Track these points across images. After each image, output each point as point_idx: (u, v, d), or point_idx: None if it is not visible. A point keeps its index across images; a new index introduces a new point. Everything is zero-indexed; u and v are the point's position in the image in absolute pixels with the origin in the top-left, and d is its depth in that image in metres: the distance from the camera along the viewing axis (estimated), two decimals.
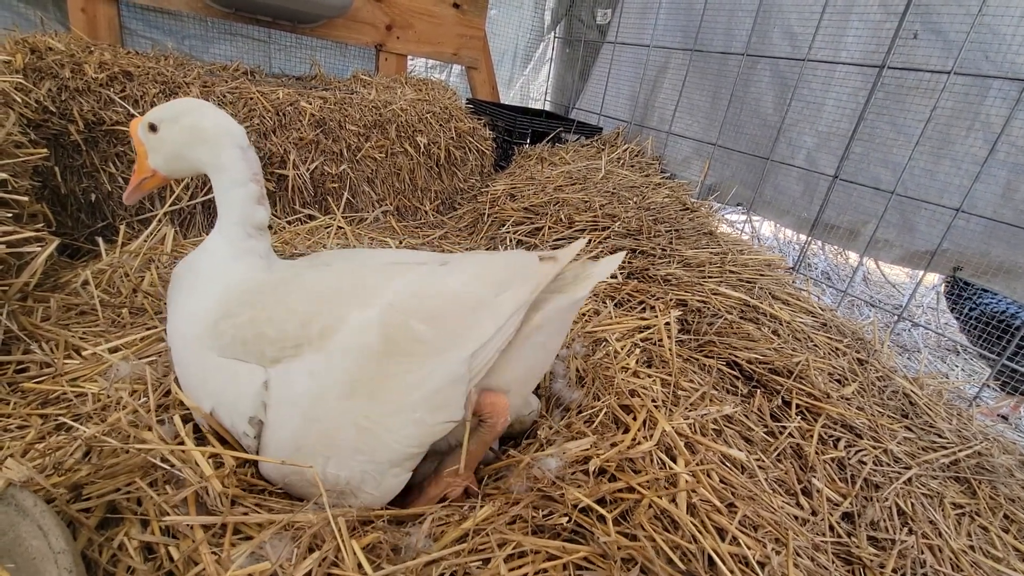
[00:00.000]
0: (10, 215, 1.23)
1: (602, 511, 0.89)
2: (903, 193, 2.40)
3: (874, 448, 1.40)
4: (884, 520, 1.23)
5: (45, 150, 1.50)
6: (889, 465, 1.37)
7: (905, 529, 1.23)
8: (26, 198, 1.35)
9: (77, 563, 0.63)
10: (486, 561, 0.83)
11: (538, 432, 1.14)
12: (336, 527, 0.81)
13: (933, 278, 3.17)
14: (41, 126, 1.71)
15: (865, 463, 1.35)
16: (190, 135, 1.08)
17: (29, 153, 1.42)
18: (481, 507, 0.92)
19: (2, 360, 1.10)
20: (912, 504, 1.28)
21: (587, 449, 1.01)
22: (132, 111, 1.86)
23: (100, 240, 1.69)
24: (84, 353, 1.19)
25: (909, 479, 1.34)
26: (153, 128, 1.09)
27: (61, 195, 1.84)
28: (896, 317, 2.59)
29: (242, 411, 0.92)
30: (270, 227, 1.77)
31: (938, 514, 1.28)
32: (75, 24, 2.41)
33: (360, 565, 0.78)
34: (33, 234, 1.23)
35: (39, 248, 1.30)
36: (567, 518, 0.89)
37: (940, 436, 1.54)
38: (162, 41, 2.75)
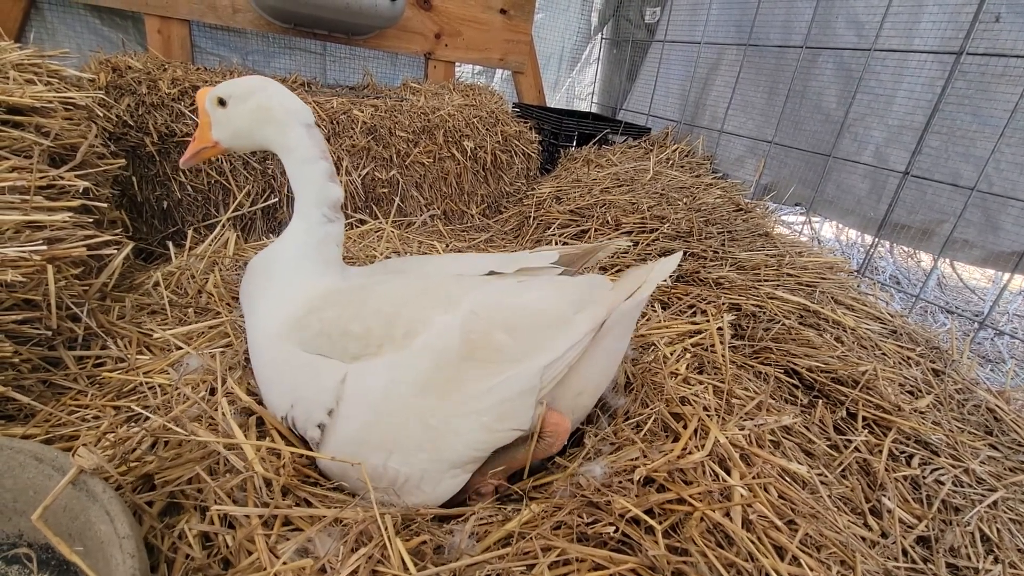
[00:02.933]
0: (92, 220, 1.33)
1: (651, 522, 0.86)
2: (987, 189, 2.20)
3: (953, 467, 1.28)
4: (966, 546, 1.12)
5: (124, 160, 1.62)
6: (971, 486, 1.26)
7: (990, 557, 1.12)
8: (106, 205, 1.46)
9: (140, 548, 0.67)
10: (530, 567, 0.82)
11: (584, 440, 1.12)
12: (382, 525, 0.82)
13: (1020, 282, 2.89)
14: (120, 139, 1.85)
15: (943, 483, 1.24)
16: (258, 115, 1.12)
17: (109, 164, 1.53)
18: (525, 508, 0.91)
19: (82, 355, 1.19)
20: (998, 530, 1.16)
21: (635, 459, 0.97)
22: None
23: (170, 244, 1.80)
24: (155, 337, 1.27)
25: (994, 502, 1.22)
26: (222, 103, 1.14)
27: (137, 203, 1.98)
28: (977, 324, 2.37)
29: (322, 403, 0.95)
30: None
31: None
32: (152, 44, 2.59)
33: (405, 565, 0.78)
34: (112, 238, 1.33)
35: (116, 251, 1.39)
36: (613, 527, 0.86)
37: None
38: (228, 57, 2.92)
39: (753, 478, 0.99)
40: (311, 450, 0.97)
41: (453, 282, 1.06)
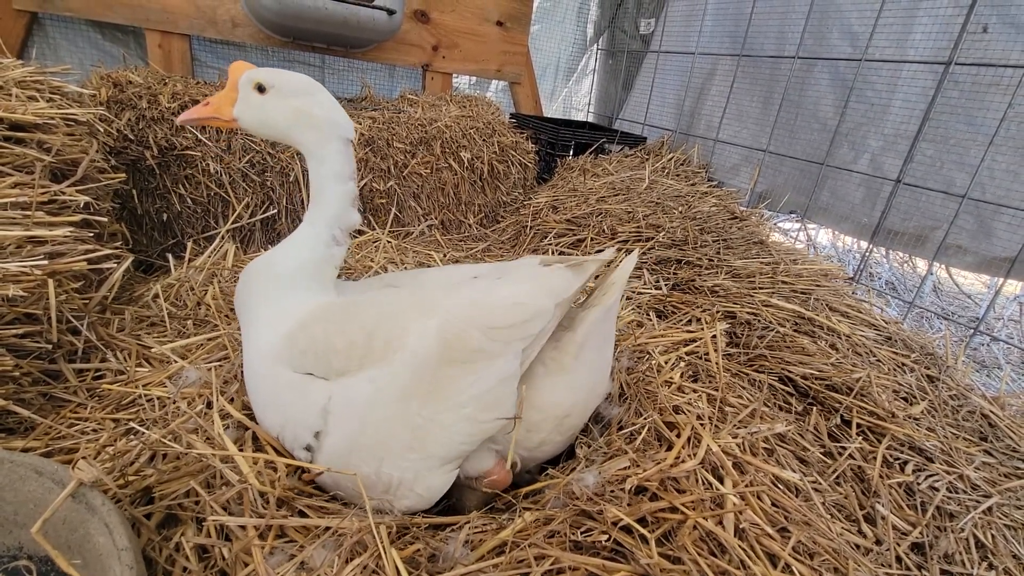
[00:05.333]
0: (92, 234, 1.35)
1: (643, 531, 0.86)
2: (981, 195, 2.22)
3: (948, 473, 1.29)
4: (960, 553, 1.13)
5: (124, 175, 1.64)
6: (965, 492, 1.26)
7: (985, 563, 1.12)
8: (106, 219, 1.48)
9: (138, 560, 0.68)
10: (524, 575, 0.83)
11: (576, 451, 1.12)
12: (377, 535, 0.83)
13: (1015, 287, 2.90)
14: (121, 153, 1.87)
15: (937, 489, 1.25)
16: (298, 117, 1.09)
17: (110, 178, 1.56)
18: (519, 516, 0.92)
19: (82, 368, 1.20)
20: (992, 536, 1.17)
21: (626, 468, 0.98)
22: (199, 136, 2.01)
23: (170, 256, 1.82)
24: (153, 350, 1.29)
25: (989, 508, 1.23)
26: (261, 89, 1.09)
27: (137, 215, 2.00)
28: (972, 330, 2.39)
29: (308, 424, 0.96)
30: None
31: (1023, 548, 1.16)
32: (152, 59, 2.63)
33: (400, 574, 0.79)
34: (112, 252, 1.34)
35: (116, 264, 1.41)
36: (606, 536, 0.86)
37: None
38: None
39: (746, 486, 0.99)
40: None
41: (436, 290, 1.07)
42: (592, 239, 2.18)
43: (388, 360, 0.95)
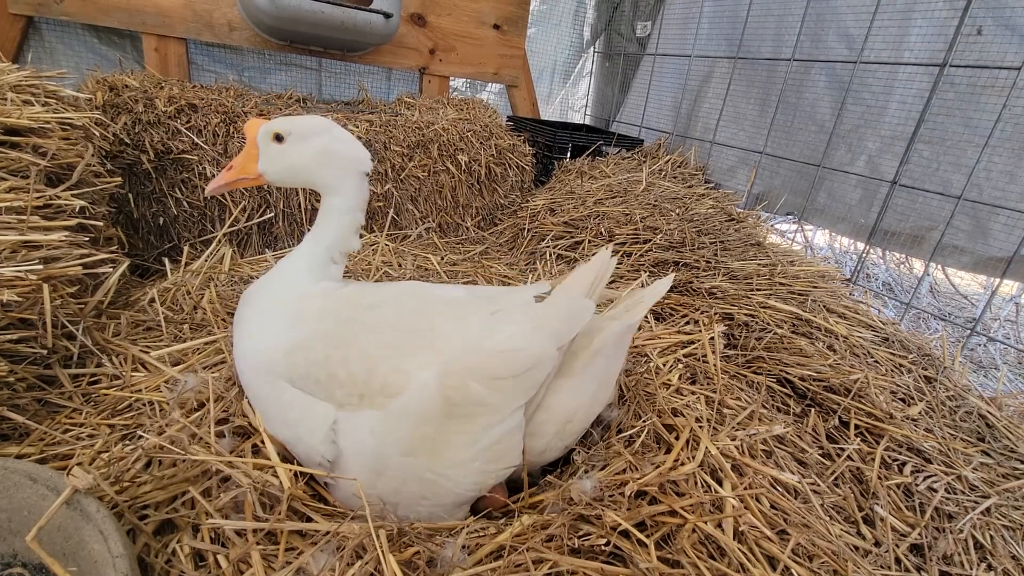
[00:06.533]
0: (88, 239, 1.34)
1: (640, 536, 0.86)
2: (978, 196, 2.24)
3: (946, 474, 1.29)
4: (959, 554, 1.13)
5: (120, 179, 1.63)
6: (964, 493, 1.26)
7: (984, 564, 1.12)
8: (102, 223, 1.48)
9: (133, 567, 0.67)
10: None
11: (574, 457, 1.12)
12: (376, 539, 0.82)
13: (1011, 288, 2.91)
14: (117, 157, 1.86)
15: (936, 490, 1.25)
16: (320, 157, 1.10)
17: (106, 182, 1.55)
18: (517, 521, 0.92)
19: (77, 373, 1.19)
20: (991, 537, 1.17)
21: (624, 472, 0.98)
22: (196, 140, 2.00)
23: (166, 260, 1.81)
24: (150, 355, 1.28)
25: (987, 509, 1.23)
26: (279, 139, 1.10)
27: (134, 219, 1.99)
28: (969, 331, 2.39)
29: (314, 445, 0.96)
30: None
31: (1021, 549, 1.16)
32: (149, 63, 2.62)
33: None
34: (108, 256, 1.34)
35: (112, 269, 1.40)
36: (605, 540, 0.86)
37: (1023, 462, 1.41)
38: (224, 73, 2.95)
39: (745, 488, 0.99)
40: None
41: (434, 317, 1.03)
42: (589, 241, 2.19)
43: (388, 411, 0.93)
